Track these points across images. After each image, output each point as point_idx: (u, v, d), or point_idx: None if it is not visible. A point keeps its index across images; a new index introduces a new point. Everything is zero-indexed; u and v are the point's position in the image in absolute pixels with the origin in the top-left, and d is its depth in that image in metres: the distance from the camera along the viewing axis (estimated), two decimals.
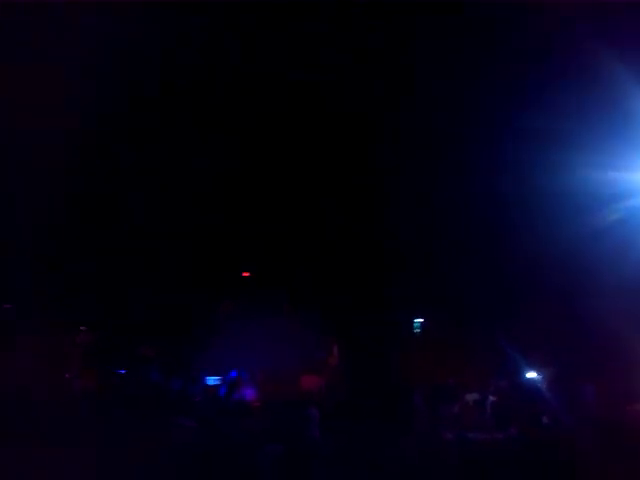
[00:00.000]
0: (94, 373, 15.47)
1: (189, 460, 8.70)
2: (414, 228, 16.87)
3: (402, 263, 17.71)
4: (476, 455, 9.48)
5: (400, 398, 12.33)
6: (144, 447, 8.61)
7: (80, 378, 15.19)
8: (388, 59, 12.86)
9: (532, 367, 15.73)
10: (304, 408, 9.75)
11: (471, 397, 14.55)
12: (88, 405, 12.57)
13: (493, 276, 16.73)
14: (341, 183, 16.68)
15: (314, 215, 17.61)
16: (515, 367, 15.53)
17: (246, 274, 20.83)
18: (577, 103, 11.53)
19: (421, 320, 20.60)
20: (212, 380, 15.84)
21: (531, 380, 15.50)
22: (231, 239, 18.47)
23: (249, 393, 14.04)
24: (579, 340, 15.19)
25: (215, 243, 18.57)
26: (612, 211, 12.84)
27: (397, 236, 17.30)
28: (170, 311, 18.89)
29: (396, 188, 16.28)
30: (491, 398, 14.17)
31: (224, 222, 17.84)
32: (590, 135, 11.57)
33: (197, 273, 18.96)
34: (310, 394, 11.23)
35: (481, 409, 13.87)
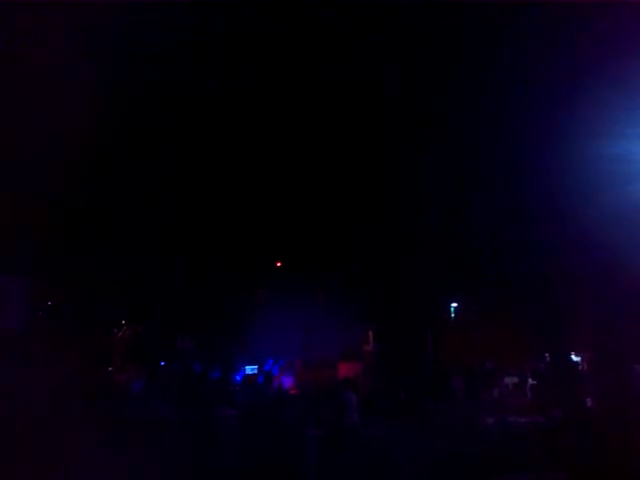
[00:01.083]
0: (136, 366, 15.76)
1: (233, 448, 8.80)
2: (448, 212, 16.69)
3: (437, 247, 17.53)
4: (517, 439, 9.35)
5: (438, 383, 12.27)
6: (189, 436, 8.75)
7: (123, 371, 15.51)
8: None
9: (572, 349, 15.44)
10: (341, 394, 9.76)
11: (510, 381, 14.39)
12: (130, 396, 12.84)
13: (530, 257, 16.43)
14: (374, 173, 16.56)
15: (348, 204, 17.53)
16: (555, 349, 15.27)
17: (279, 264, 20.88)
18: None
19: (456, 304, 20.43)
20: (250, 369, 15.98)
21: (572, 362, 15.23)
22: (265, 229, 18.54)
23: (287, 381, 14.19)
24: (623, 320, 14.81)
25: (250, 234, 18.66)
26: None
27: (431, 220, 17.13)
28: (207, 303, 19.10)
29: (430, 174, 16.12)
30: (531, 381, 13.98)
31: (258, 211, 17.89)
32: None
33: (232, 264, 19.11)
34: (347, 380, 11.24)
35: (521, 393, 13.71)
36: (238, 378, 14.48)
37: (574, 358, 15.34)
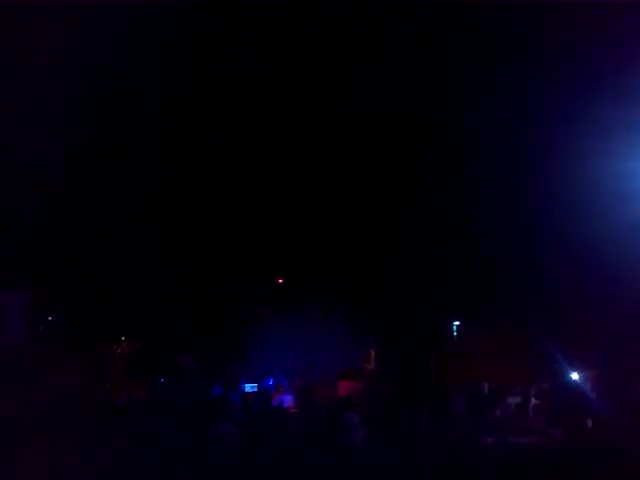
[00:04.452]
0: (135, 383, 15.66)
1: (232, 467, 8.73)
2: (449, 229, 16.64)
3: (439, 265, 17.43)
4: (517, 460, 9.25)
5: (439, 402, 12.17)
6: (188, 455, 8.69)
7: (121, 388, 15.42)
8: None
9: (575, 368, 15.30)
10: (342, 415, 9.67)
11: (513, 400, 14.26)
12: (130, 414, 12.75)
13: (534, 275, 16.35)
14: (380, 193, 16.51)
15: (351, 222, 17.47)
16: (557, 368, 15.15)
17: (281, 281, 20.77)
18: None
19: (458, 323, 20.26)
20: (249, 387, 15.86)
21: (574, 382, 15.09)
22: (267, 247, 18.47)
23: (287, 399, 14.10)
24: (626, 339, 14.72)
25: (251, 252, 18.60)
26: None
27: (434, 239, 17.07)
28: (208, 320, 19.01)
29: (433, 192, 16.10)
30: (533, 401, 13.87)
31: (261, 227, 17.83)
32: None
33: (233, 281, 19.04)
34: (348, 399, 11.16)
35: (523, 412, 13.59)
36: (238, 396, 14.39)
37: (576, 377, 15.20)
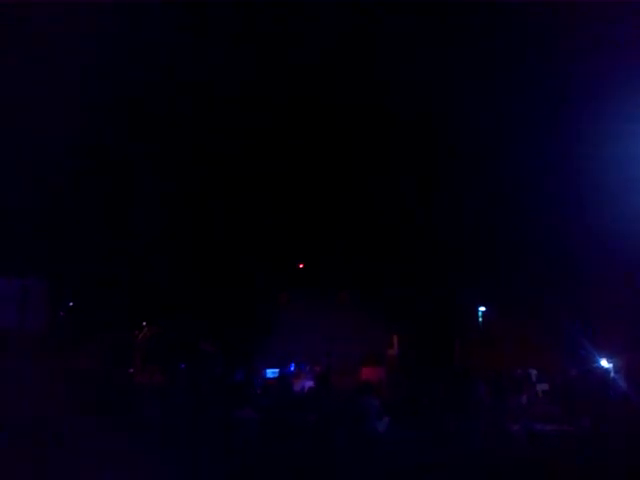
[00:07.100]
0: (156, 368, 15.74)
1: (253, 452, 8.70)
2: (477, 215, 16.46)
3: (465, 249, 17.26)
4: (544, 448, 9.10)
5: (463, 389, 12.01)
6: (210, 440, 8.67)
7: (143, 373, 15.51)
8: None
9: (604, 356, 15.01)
10: (361, 400, 9.58)
11: (540, 387, 14.10)
12: (153, 399, 12.81)
13: (562, 259, 16.09)
14: (406, 175, 16.43)
15: (374, 206, 17.39)
16: (586, 356, 14.87)
17: (302, 265, 20.70)
18: None
19: (484, 309, 20.01)
20: (271, 372, 15.90)
21: (603, 369, 14.81)
22: (289, 231, 18.47)
23: (308, 385, 14.06)
24: None
25: (273, 236, 18.59)
26: None
27: (460, 224, 16.90)
28: (230, 305, 19.08)
29: (458, 178, 15.97)
30: (561, 388, 13.67)
31: (283, 213, 17.86)
32: None
33: (255, 266, 19.07)
34: (370, 385, 11.04)
35: (550, 400, 13.41)
36: (260, 381, 14.41)
37: (606, 365, 14.92)
